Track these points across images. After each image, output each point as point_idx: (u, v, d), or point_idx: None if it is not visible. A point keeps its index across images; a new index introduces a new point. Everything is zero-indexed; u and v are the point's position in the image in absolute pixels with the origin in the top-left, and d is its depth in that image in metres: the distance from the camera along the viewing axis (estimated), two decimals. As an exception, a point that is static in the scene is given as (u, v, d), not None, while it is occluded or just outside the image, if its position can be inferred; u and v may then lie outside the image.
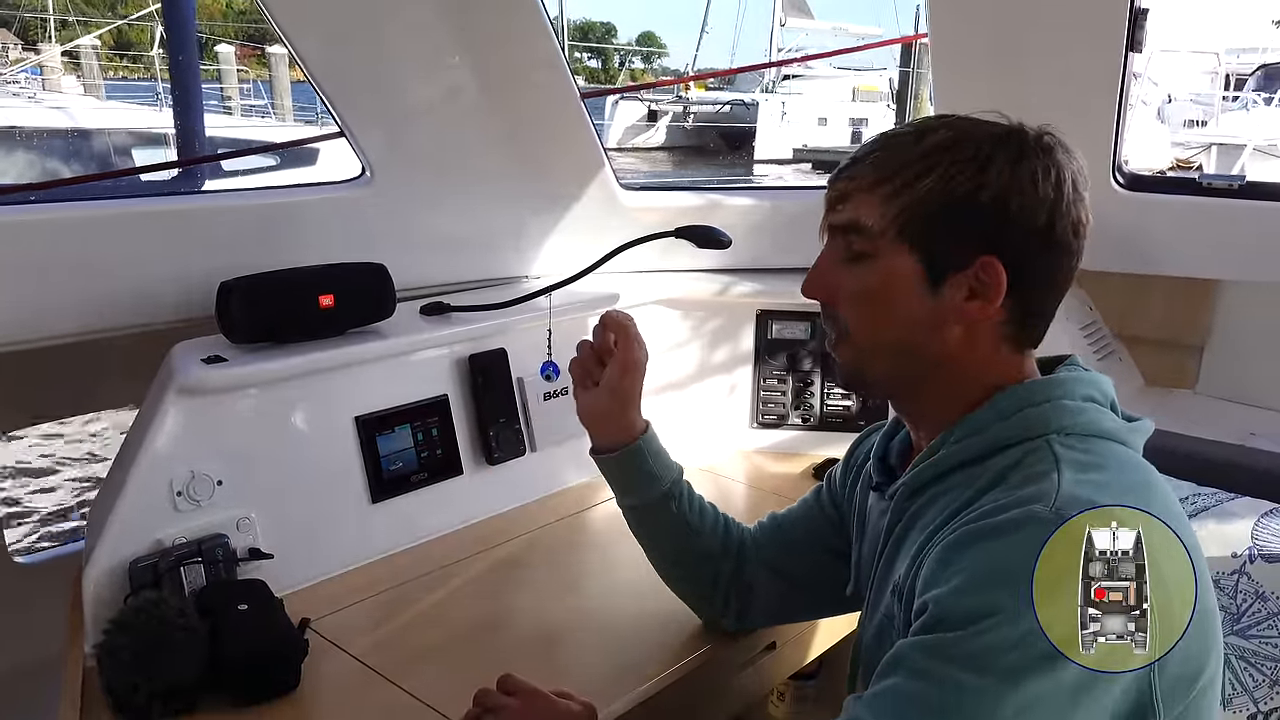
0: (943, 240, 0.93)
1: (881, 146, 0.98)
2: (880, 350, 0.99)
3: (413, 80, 1.75)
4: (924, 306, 0.95)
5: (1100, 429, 0.93)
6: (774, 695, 2.01)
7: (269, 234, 1.70)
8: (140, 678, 1.15)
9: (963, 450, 0.95)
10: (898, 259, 0.95)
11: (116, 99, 15.05)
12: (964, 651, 0.78)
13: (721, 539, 1.31)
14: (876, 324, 0.98)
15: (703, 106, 22.97)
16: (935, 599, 0.82)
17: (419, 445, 1.64)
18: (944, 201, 0.92)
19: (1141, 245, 1.93)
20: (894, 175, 0.94)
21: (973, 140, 0.93)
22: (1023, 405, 0.94)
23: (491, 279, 1.97)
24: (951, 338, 0.96)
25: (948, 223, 0.93)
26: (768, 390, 2.03)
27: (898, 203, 0.93)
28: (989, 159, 0.92)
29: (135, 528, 1.35)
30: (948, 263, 0.94)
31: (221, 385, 1.44)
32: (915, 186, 0.93)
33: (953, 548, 0.84)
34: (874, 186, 0.95)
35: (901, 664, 0.83)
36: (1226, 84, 12.72)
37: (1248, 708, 1.17)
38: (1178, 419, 1.60)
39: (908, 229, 0.94)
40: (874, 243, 0.95)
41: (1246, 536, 1.22)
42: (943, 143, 0.94)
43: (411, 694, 1.23)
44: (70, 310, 1.58)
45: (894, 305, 0.96)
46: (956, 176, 0.92)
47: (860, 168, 0.97)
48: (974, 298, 0.94)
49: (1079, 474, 0.86)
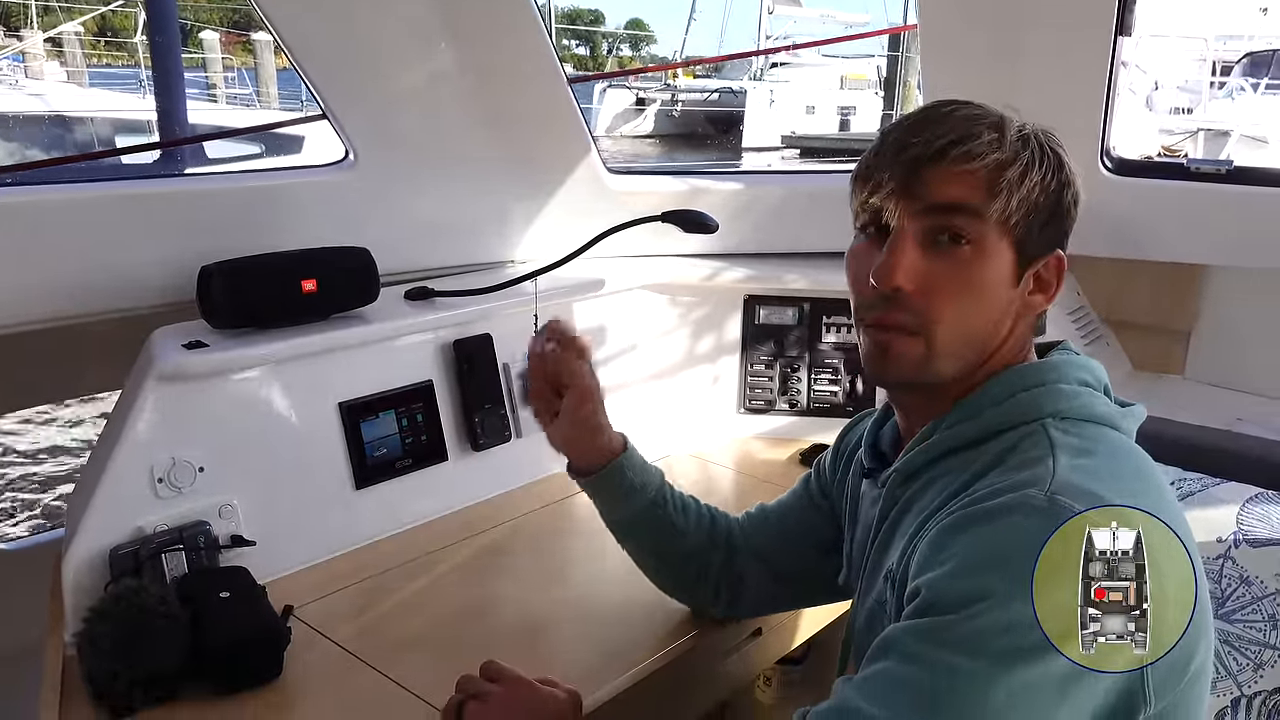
0: (1038, 236, 0.93)
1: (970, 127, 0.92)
2: (957, 344, 0.94)
3: (397, 63, 1.74)
4: (1007, 301, 0.94)
5: (1094, 414, 0.92)
6: (761, 680, 2.01)
7: (252, 218, 1.68)
8: (120, 666, 1.13)
9: (957, 435, 0.94)
10: (1001, 251, 0.92)
11: (100, 85, 14.92)
12: (956, 635, 0.78)
13: (709, 532, 1.30)
14: (965, 317, 0.93)
15: (691, 94, 22.93)
16: (928, 583, 0.82)
17: (403, 431, 1.62)
18: (1047, 196, 0.93)
19: (1129, 230, 1.93)
20: (1012, 161, 0.91)
21: (1034, 132, 0.94)
22: (1017, 389, 0.93)
23: (477, 264, 1.96)
24: (1009, 331, 0.96)
25: (1048, 219, 0.93)
26: (755, 376, 2.03)
27: (1019, 193, 0.91)
28: (1059, 155, 0.94)
29: (115, 515, 1.33)
30: (1031, 257, 0.94)
31: (202, 371, 1.43)
32: (1029, 177, 0.91)
33: (946, 532, 0.84)
34: (996, 170, 0.91)
35: (893, 648, 0.82)
36: (1214, 71, 12.75)
37: (1231, 691, 1.18)
38: (1165, 404, 1.60)
39: (1021, 221, 0.92)
40: (984, 230, 0.91)
41: (1232, 521, 1.22)
42: (1020, 133, 0.93)
43: (395, 681, 1.22)
44: (50, 294, 1.56)
45: (986, 298, 0.93)
46: (1049, 171, 0.92)
47: (971, 147, 0.90)
48: (1037, 291, 0.96)
49: (1074, 459, 0.85)
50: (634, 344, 2.01)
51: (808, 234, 2.13)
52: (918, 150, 0.91)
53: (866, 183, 0.95)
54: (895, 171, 0.92)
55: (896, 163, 0.92)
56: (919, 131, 0.92)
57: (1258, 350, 1.97)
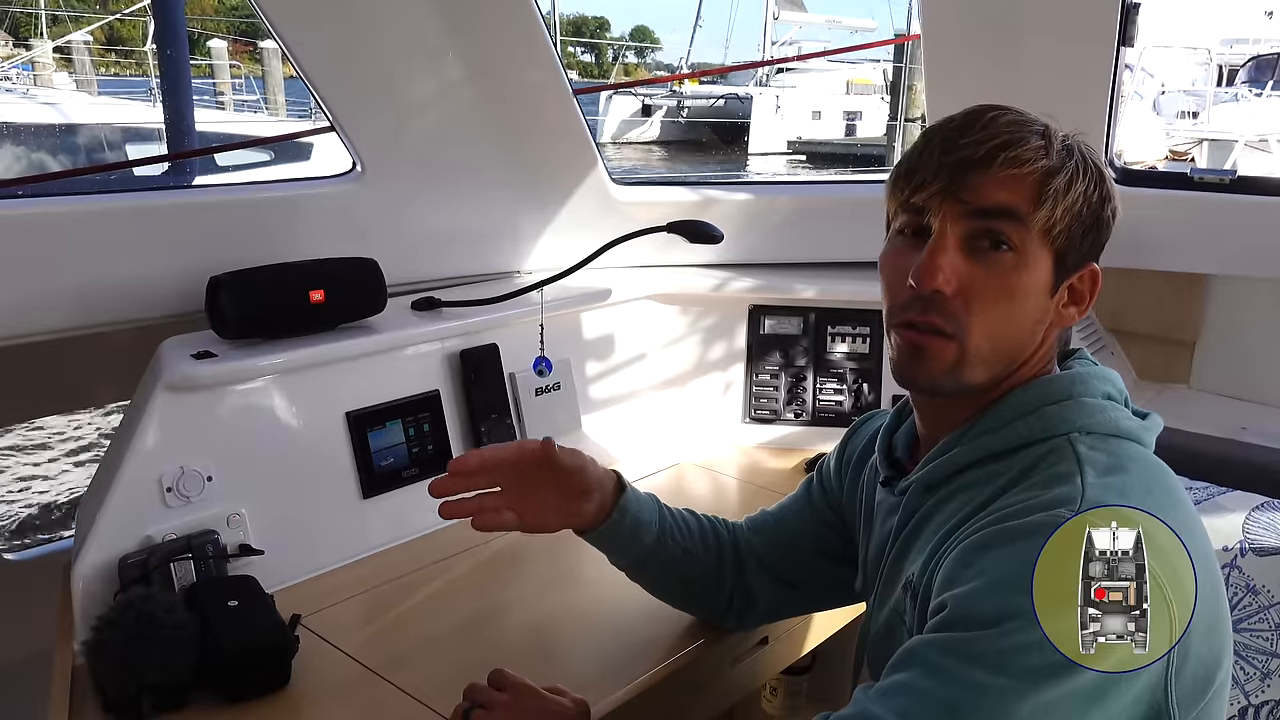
0: (1078, 247, 0.93)
1: (1017, 132, 0.91)
2: (990, 352, 0.93)
3: (405, 75, 1.75)
4: (1044, 310, 0.94)
5: (1119, 428, 0.91)
6: (767, 690, 2.01)
7: (260, 229, 1.69)
8: (129, 674, 1.14)
9: (981, 447, 0.93)
10: (1040, 258, 0.91)
11: (109, 94, 14.98)
12: (983, 651, 0.78)
13: (716, 550, 1.28)
14: (1001, 324, 0.92)
15: (697, 101, 22.93)
16: (955, 598, 0.81)
17: (410, 440, 1.63)
18: (1090, 208, 0.92)
19: (1133, 240, 1.92)
20: (1059, 170, 0.90)
21: (1079, 145, 0.94)
22: (1043, 402, 0.92)
23: (483, 274, 1.97)
24: (1040, 340, 0.95)
25: (1089, 230, 0.93)
26: (760, 386, 2.03)
27: (1064, 202, 0.90)
28: (1100, 168, 0.93)
29: (125, 524, 1.34)
30: (1069, 269, 0.93)
31: (210, 381, 1.44)
32: (1074, 187, 0.90)
33: (975, 549, 0.83)
34: (1044, 178, 0.90)
35: (915, 660, 0.82)
36: (1220, 76, 12.75)
37: (1239, 700, 1.18)
38: (1171, 414, 1.59)
39: (1065, 231, 0.91)
40: (1028, 238, 0.90)
41: (1238, 530, 1.22)
42: (1070, 145, 0.93)
43: (403, 689, 1.22)
44: (60, 306, 1.57)
45: (1024, 306, 0.92)
46: (1091, 183, 0.92)
47: (1020, 152, 0.89)
48: (1071, 303, 0.96)
49: (1102, 476, 0.85)
50: (640, 354, 2.01)
51: (813, 244, 2.13)
52: (966, 153, 0.90)
53: (909, 182, 0.93)
54: (941, 173, 0.91)
55: (942, 165, 0.91)
56: (966, 133, 0.91)
57: (1263, 360, 1.96)
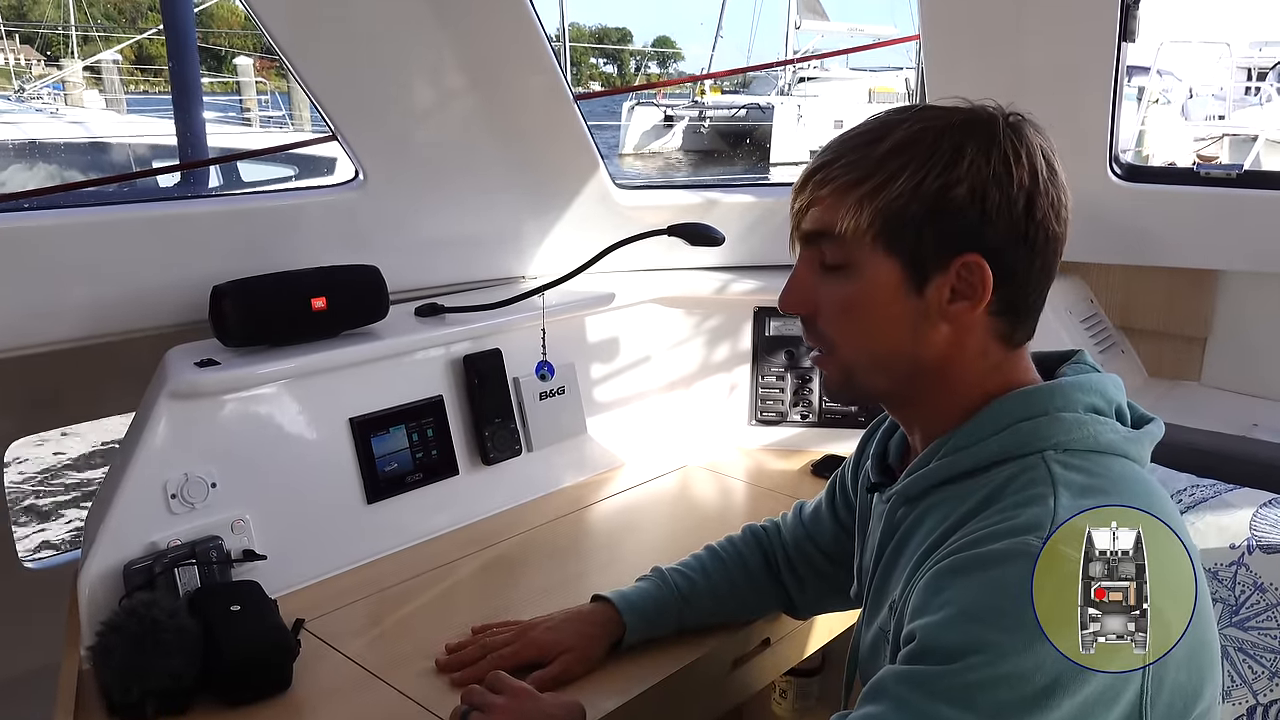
0: (923, 243, 0.88)
1: (846, 147, 0.91)
2: (868, 362, 0.94)
3: (405, 83, 1.76)
4: (909, 313, 0.90)
5: (1100, 443, 0.88)
6: (777, 693, 2.00)
7: (263, 237, 1.71)
8: (133, 678, 1.15)
9: (952, 465, 0.92)
10: (878, 266, 0.89)
11: (137, 113, 15.21)
12: (948, 687, 0.77)
13: (749, 575, 1.34)
14: (861, 336, 0.93)
15: (718, 110, 22.95)
16: (923, 629, 0.80)
17: (414, 446, 1.64)
18: (919, 202, 0.87)
19: (1141, 236, 1.91)
20: (865, 178, 0.88)
21: (940, 131, 0.88)
22: (1017, 418, 0.89)
23: (486, 280, 1.98)
24: (939, 342, 0.91)
25: (926, 224, 0.87)
26: (766, 388, 2.03)
27: (871, 207, 0.88)
28: (959, 150, 0.87)
29: (130, 531, 1.36)
30: (929, 265, 0.89)
31: (214, 388, 1.45)
32: (888, 188, 0.87)
33: (942, 575, 0.82)
34: (845, 191, 0.89)
35: (885, 693, 0.81)
36: (1249, 78, 12.63)
37: (1247, 700, 1.16)
38: (1181, 411, 1.59)
39: (884, 234, 0.88)
40: (850, 251, 0.90)
41: (1245, 528, 1.20)
42: (909, 138, 0.88)
43: (404, 693, 1.23)
44: (69, 316, 1.60)
45: (878, 315, 0.91)
46: (929, 173, 0.86)
47: (828, 172, 0.91)
48: (959, 299, 0.89)
49: (1078, 499, 0.82)
50: (645, 357, 2.02)
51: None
52: (797, 180, 0.94)
53: None
54: (792, 202, 0.95)
55: (793, 193, 0.95)
56: (814, 158, 0.94)
57: (1274, 355, 1.93)
